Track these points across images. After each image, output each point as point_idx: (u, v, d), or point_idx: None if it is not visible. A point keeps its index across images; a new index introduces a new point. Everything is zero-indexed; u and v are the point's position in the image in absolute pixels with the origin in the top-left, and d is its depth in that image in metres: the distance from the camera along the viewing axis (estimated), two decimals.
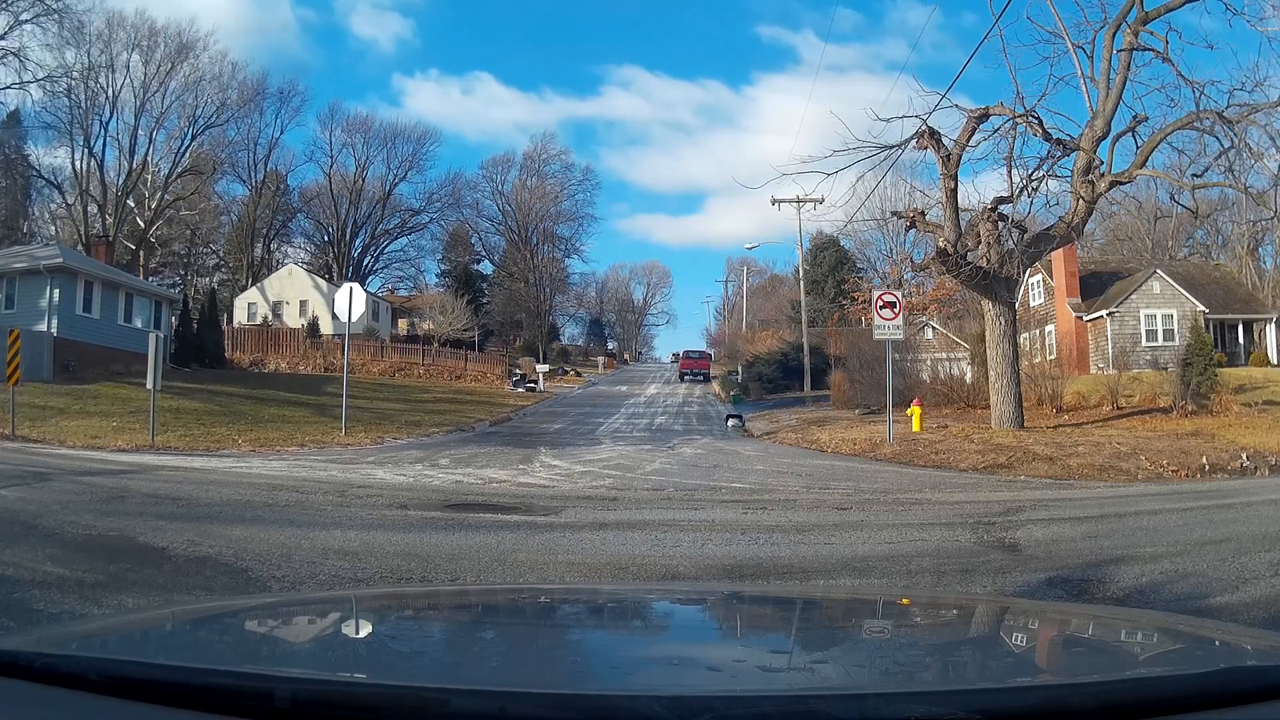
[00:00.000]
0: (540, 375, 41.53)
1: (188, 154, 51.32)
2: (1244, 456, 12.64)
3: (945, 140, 15.95)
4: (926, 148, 15.99)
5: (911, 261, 28.83)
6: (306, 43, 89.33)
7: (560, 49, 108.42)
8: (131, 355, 24.56)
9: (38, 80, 39.08)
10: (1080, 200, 15.69)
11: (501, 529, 7.20)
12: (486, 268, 74.52)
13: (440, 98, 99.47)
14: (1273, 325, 33.30)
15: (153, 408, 14.89)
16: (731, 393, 34.78)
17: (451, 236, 71.72)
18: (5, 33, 35.88)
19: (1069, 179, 15.97)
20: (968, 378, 23.21)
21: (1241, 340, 33.36)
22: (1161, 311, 32.12)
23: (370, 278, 65.31)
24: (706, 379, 45.52)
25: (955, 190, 16.04)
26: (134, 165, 48.11)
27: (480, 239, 74.53)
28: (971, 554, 6.28)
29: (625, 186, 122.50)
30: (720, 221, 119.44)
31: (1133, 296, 32.33)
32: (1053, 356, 31.27)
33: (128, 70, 46.91)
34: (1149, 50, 15.09)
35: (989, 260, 15.72)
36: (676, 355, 62.40)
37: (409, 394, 29.96)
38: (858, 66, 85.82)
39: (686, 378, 45.81)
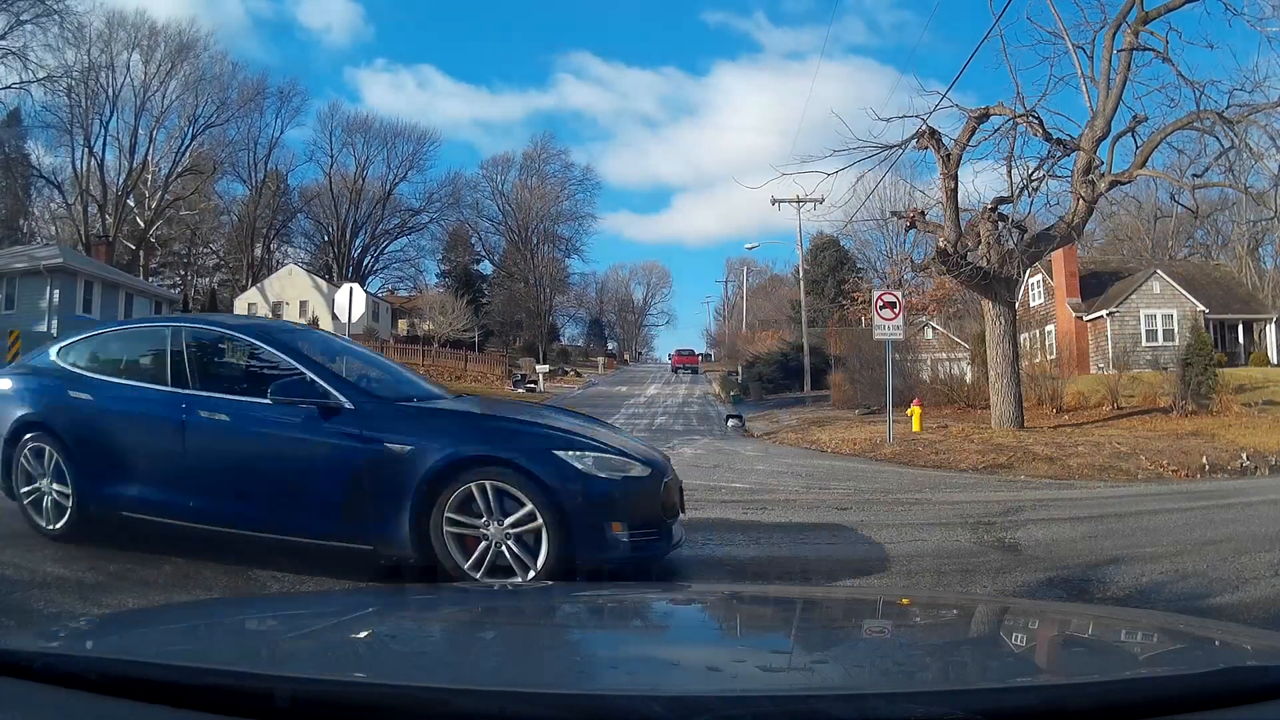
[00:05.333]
0: (540, 375, 41.55)
1: (188, 154, 51.48)
2: (1244, 456, 12.64)
3: (945, 140, 15.96)
4: (927, 148, 16.00)
5: (911, 261, 28.80)
6: (261, 37, 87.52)
7: (510, 39, 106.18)
8: None
9: (38, 80, 39.26)
10: (1080, 200, 15.69)
11: None
12: (486, 268, 74.61)
13: (393, 91, 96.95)
14: (1273, 325, 33.30)
15: None
16: (731, 393, 34.78)
17: (451, 236, 71.76)
18: (6, 33, 35.98)
19: (1069, 179, 15.97)
20: (968, 378, 23.22)
21: (1241, 340, 33.36)
22: (1161, 311, 32.12)
23: (370, 278, 65.40)
24: (695, 371, 55.03)
25: (955, 190, 16.04)
26: (134, 165, 48.22)
27: (480, 239, 74.63)
28: (971, 554, 6.27)
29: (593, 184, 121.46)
30: (691, 218, 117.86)
31: (1133, 296, 32.33)
32: (1053, 356, 31.28)
33: (128, 70, 47.10)
34: (1149, 50, 15.09)
35: (989, 260, 15.72)
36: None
37: None
38: (815, 51, 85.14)
39: (679, 371, 54.55)
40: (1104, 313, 32.38)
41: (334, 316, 33.64)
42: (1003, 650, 1.82)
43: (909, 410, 16.97)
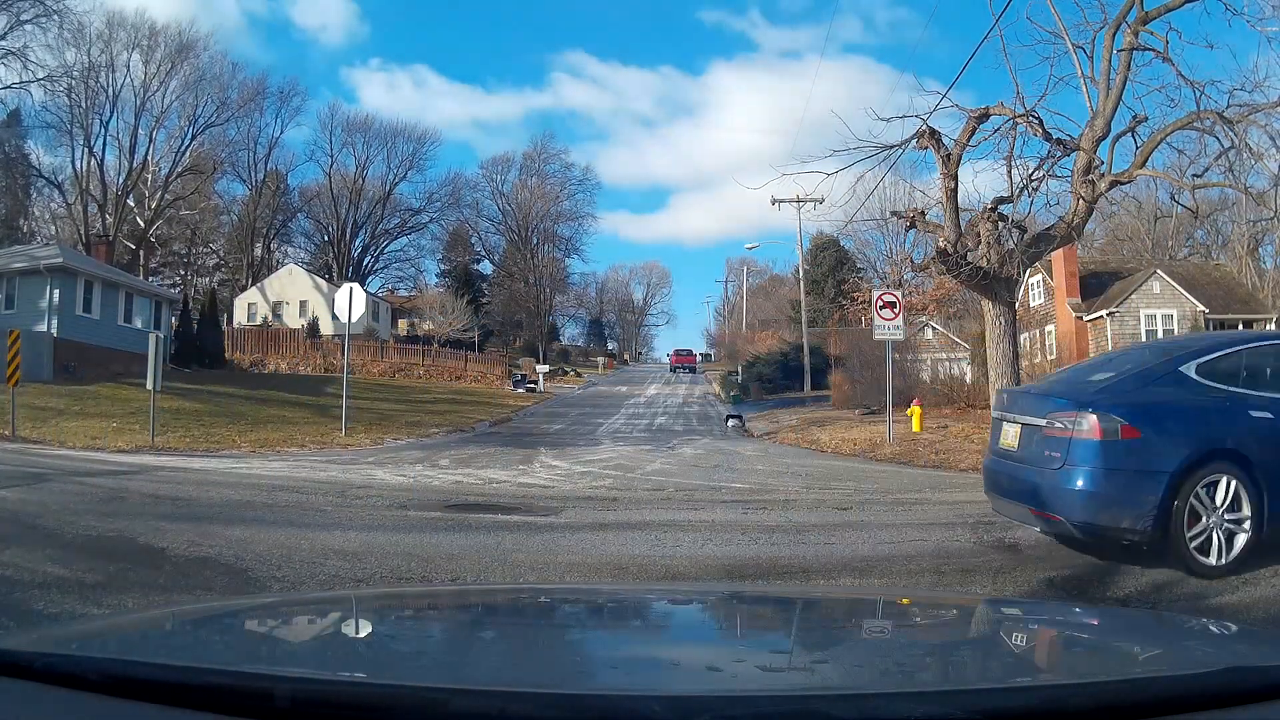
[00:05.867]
0: (540, 376, 41.49)
1: (188, 153, 51.36)
2: None
3: (945, 140, 15.94)
4: (927, 147, 15.96)
5: (911, 261, 28.72)
6: (258, 37, 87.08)
7: (505, 38, 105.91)
8: (131, 356, 24.53)
9: (38, 80, 39.13)
10: (1080, 200, 15.66)
11: (501, 529, 7.20)
12: (486, 268, 74.57)
13: (389, 90, 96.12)
14: (1273, 325, 33.29)
15: (153, 408, 14.89)
16: (731, 393, 34.78)
17: (451, 236, 71.71)
18: (6, 33, 35.93)
19: (1069, 179, 15.93)
20: (968, 378, 23.22)
21: None
22: (1162, 312, 32.12)
23: (370, 278, 65.34)
24: (693, 370, 56.55)
25: (955, 190, 16.02)
26: (134, 165, 48.13)
27: (480, 239, 74.59)
28: (971, 554, 6.28)
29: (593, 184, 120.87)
30: (690, 218, 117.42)
31: (1133, 296, 32.34)
32: (1053, 356, 31.30)
33: (128, 70, 46.98)
34: (1149, 50, 15.05)
35: (989, 260, 15.70)
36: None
37: (409, 394, 29.95)
38: (812, 50, 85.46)
39: (678, 370, 56.78)
40: (1104, 313, 32.38)
41: (334, 316, 33.66)
42: (1003, 650, 1.82)
43: (909, 410, 16.97)
